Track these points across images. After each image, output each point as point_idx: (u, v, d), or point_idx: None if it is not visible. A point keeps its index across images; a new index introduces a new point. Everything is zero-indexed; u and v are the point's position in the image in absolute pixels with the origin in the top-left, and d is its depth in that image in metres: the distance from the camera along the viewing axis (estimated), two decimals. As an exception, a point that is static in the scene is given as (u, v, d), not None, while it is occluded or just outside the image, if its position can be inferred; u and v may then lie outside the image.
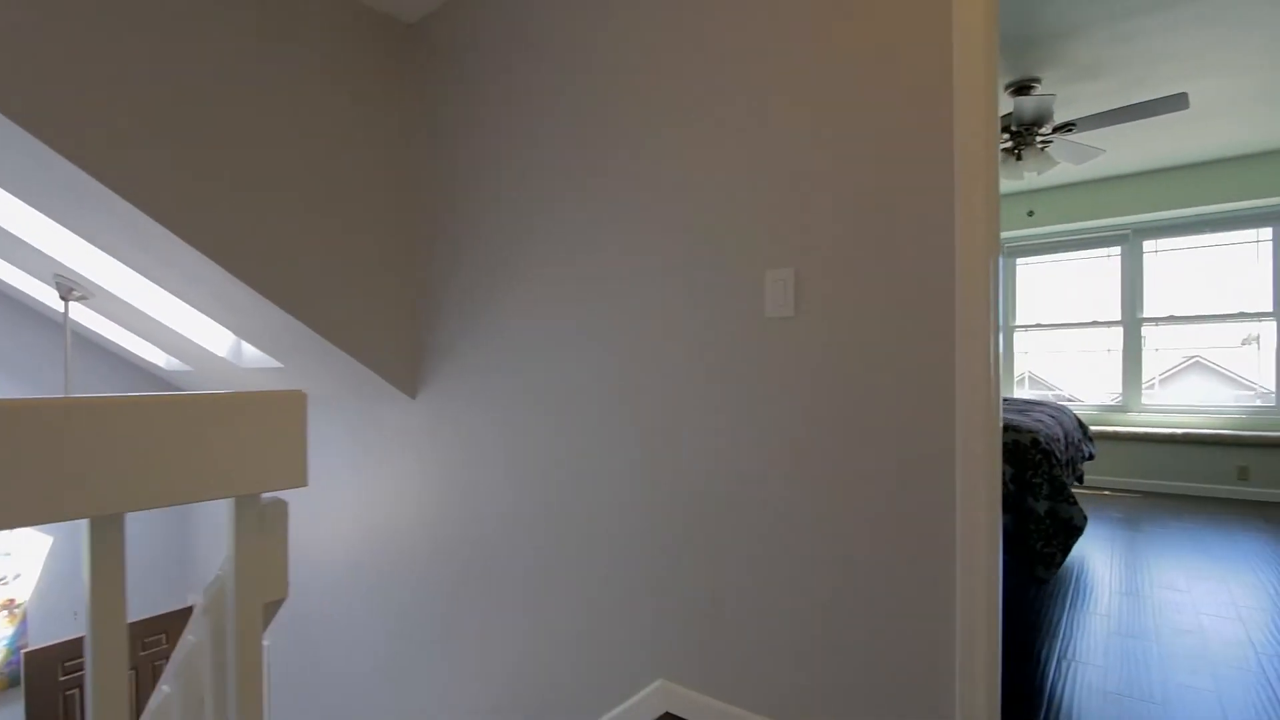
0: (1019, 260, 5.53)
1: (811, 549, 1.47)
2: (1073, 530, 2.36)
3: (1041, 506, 2.38)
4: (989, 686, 1.26)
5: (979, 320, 1.25)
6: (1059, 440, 2.77)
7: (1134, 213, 4.79)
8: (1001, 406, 1.31)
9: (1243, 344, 4.78)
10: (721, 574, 1.62)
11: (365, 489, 2.78)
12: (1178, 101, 2.82)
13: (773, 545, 1.53)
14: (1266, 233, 4.62)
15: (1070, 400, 5.34)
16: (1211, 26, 2.66)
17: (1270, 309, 4.60)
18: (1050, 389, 5.49)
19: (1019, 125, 3.12)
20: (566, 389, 1.98)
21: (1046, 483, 2.40)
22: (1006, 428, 2.54)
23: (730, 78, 1.59)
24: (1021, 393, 5.60)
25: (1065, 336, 5.40)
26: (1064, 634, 2.28)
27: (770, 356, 1.54)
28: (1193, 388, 4.95)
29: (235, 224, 2.05)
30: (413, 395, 2.60)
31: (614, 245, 1.84)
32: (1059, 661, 2.08)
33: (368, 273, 2.41)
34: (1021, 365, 5.61)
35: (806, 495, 1.48)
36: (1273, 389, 4.61)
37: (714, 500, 1.63)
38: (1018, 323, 5.56)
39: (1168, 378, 5.02)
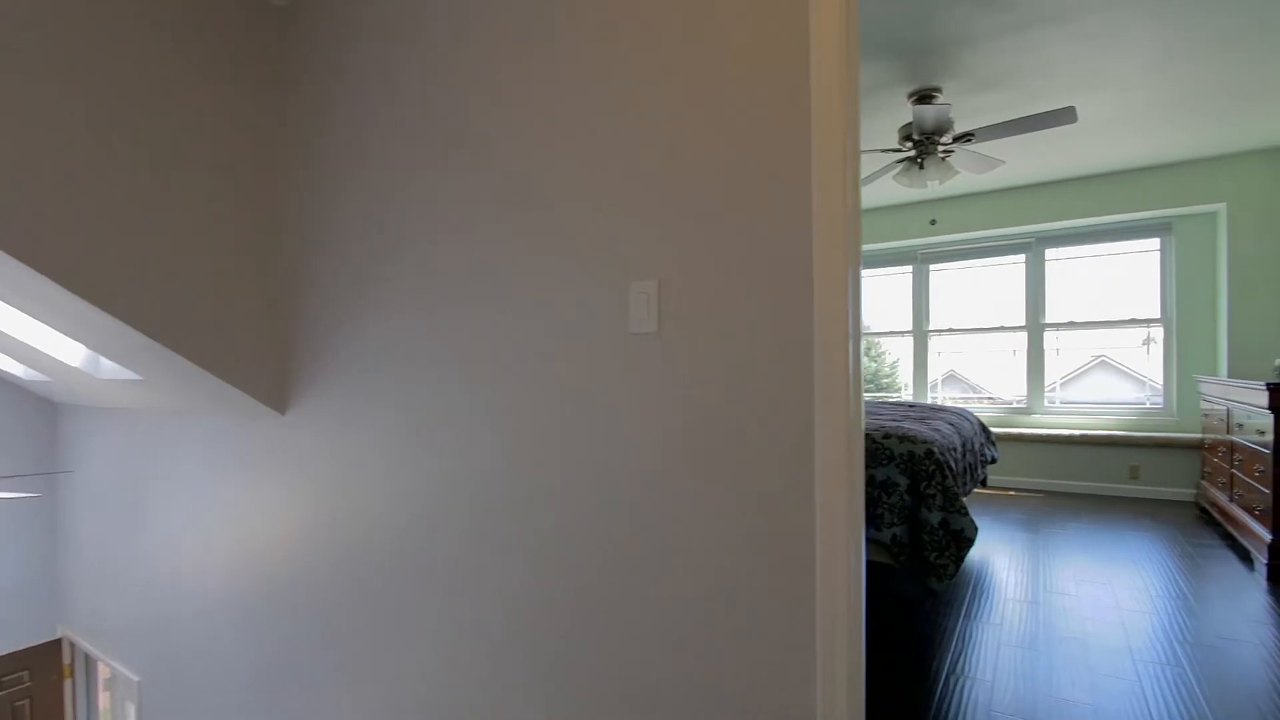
0: (931, 267, 5.66)
1: (668, 581, 1.37)
2: (964, 541, 2.36)
3: (935, 518, 2.36)
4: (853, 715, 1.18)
5: (837, 333, 1.17)
6: (955, 450, 2.78)
7: (1035, 222, 4.96)
8: (861, 420, 1.24)
9: (1143, 344, 5.01)
10: (585, 605, 1.50)
11: (235, 510, 2.53)
12: (1067, 115, 2.88)
13: (629, 578, 1.42)
14: (1155, 243, 4.86)
15: (990, 398, 5.50)
16: (1097, 44, 2.73)
17: (1159, 316, 4.85)
18: (973, 388, 5.66)
19: (920, 134, 3.14)
20: (438, 409, 1.82)
21: (940, 494, 2.38)
22: (902, 438, 2.52)
23: (593, 86, 1.47)
24: (947, 390, 5.75)
25: (979, 340, 5.57)
26: (957, 647, 2.27)
27: (633, 375, 1.42)
28: (1099, 384, 5.19)
29: (69, 232, 1.79)
30: (282, 411, 2.38)
31: (479, 256, 1.69)
32: (948, 678, 2.06)
33: (227, 283, 2.17)
34: (946, 364, 5.76)
35: (667, 521, 1.37)
36: (1160, 388, 4.85)
37: (576, 525, 1.51)
38: (931, 327, 5.69)
39: (1077, 375, 5.25)
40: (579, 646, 1.51)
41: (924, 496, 2.40)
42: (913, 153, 3.29)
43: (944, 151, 3.30)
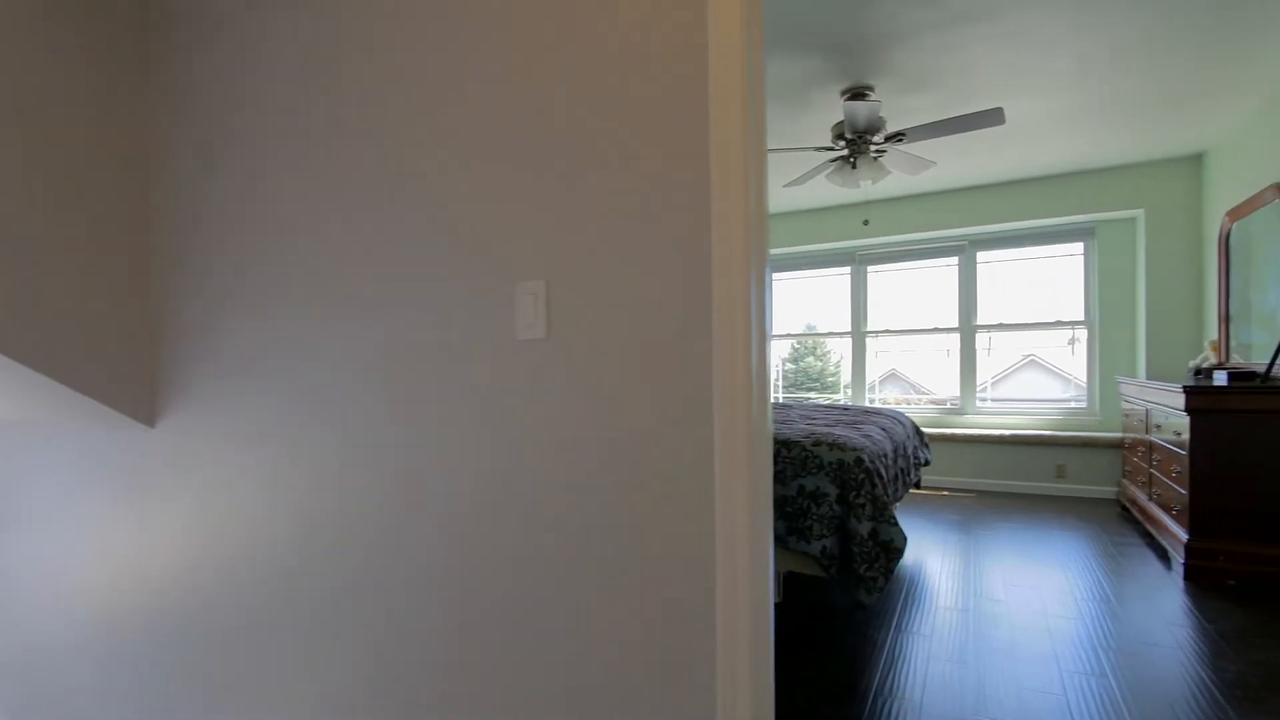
0: (869, 268, 5.68)
1: (554, 613, 1.21)
2: (893, 552, 2.28)
3: (864, 528, 2.28)
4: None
5: (738, 337, 1.04)
6: (886, 456, 2.71)
7: (967, 225, 5.02)
8: (767, 427, 1.11)
9: (1068, 344, 5.14)
10: (469, 641, 1.33)
11: (102, 534, 2.24)
12: (995, 116, 2.86)
13: (518, 612, 1.26)
14: (1079, 247, 4.98)
15: (932, 398, 5.55)
16: (1021, 44, 2.71)
17: (1083, 318, 4.98)
18: (914, 388, 5.71)
19: (853, 133, 3.08)
20: (311, 429, 1.61)
21: (870, 503, 2.30)
22: (833, 446, 2.43)
23: (480, 69, 1.30)
24: (890, 389, 5.79)
25: (918, 340, 5.62)
26: (887, 662, 2.19)
27: (521, 384, 1.26)
28: (1029, 383, 5.30)
29: None
30: (150, 423, 2.11)
31: (357, 250, 1.50)
32: (876, 699, 1.97)
33: (79, 280, 1.89)
34: (889, 364, 5.79)
35: (554, 545, 1.21)
36: (1084, 388, 4.98)
37: (462, 555, 1.33)
38: (869, 328, 5.71)
39: (1007, 375, 5.35)
40: (463, 674, 1.34)
41: (853, 506, 2.31)
42: (845, 152, 3.23)
43: (876, 151, 3.25)
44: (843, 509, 2.34)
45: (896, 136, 3.13)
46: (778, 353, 6.29)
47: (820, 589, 2.85)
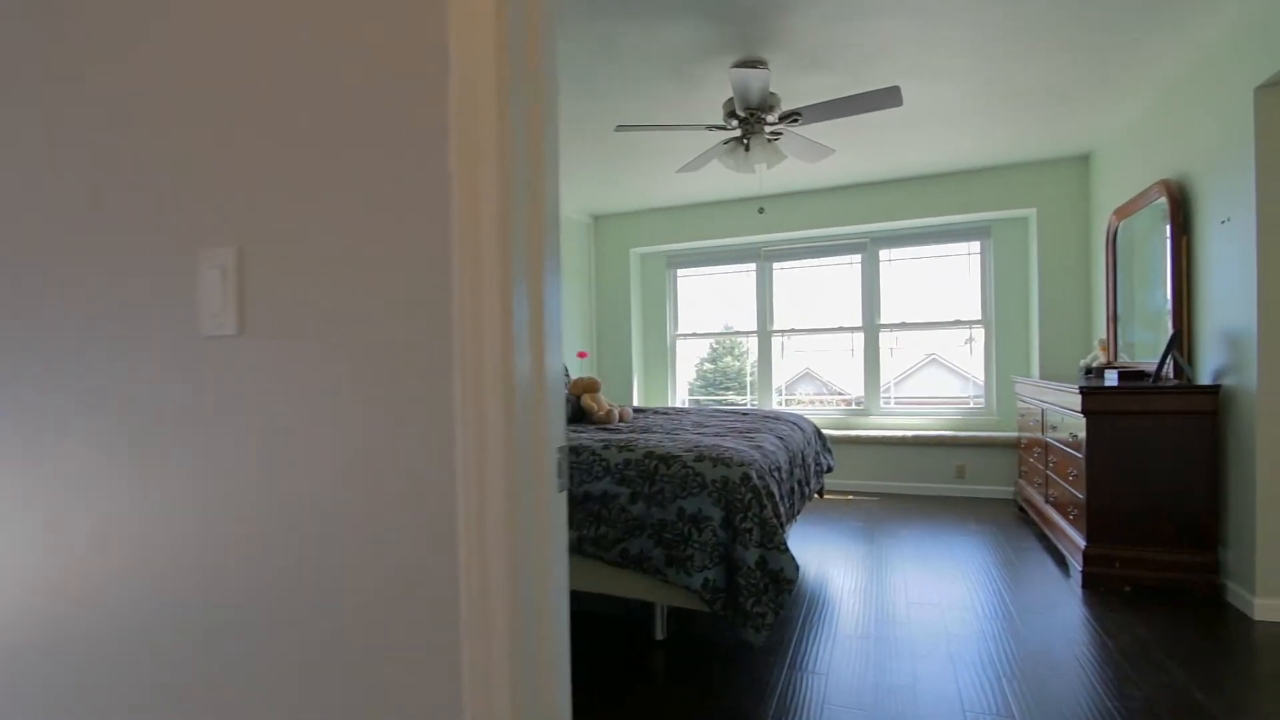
0: (775, 265, 5.50)
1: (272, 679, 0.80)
2: (784, 583, 1.99)
3: (752, 556, 1.97)
4: None
5: (489, 339, 0.67)
6: (780, 470, 2.43)
7: (868, 221, 4.91)
8: (542, 450, 0.75)
9: (965, 344, 5.13)
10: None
11: None
12: (892, 96, 2.65)
13: (218, 679, 0.83)
14: (975, 246, 4.97)
15: (845, 397, 5.40)
16: (918, 21, 2.50)
17: (979, 317, 4.96)
18: (826, 386, 5.56)
19: (745, 109, 2.79)
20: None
21: (757, 527, 2.00)
22: (717, 461, 2.12)
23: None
24: (804, 387, 5.62)
25: (826, 340, 5.48)
26: (778, 712, 1.89)
27: (207, 401, 0.83)
28: (931, 380, 5.25)
29: None
30: None
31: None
32: (759, 766, 1.65)
33: None
34: (803, 363, 5.62)
35: (263, 602, 0.80)
36: (982, 388, 4.97)
37: (140, 619, 0.90)
38: (775, 327, 5.53)
39: (910, 374, 5.28)
40: None
41: (739, 531, 2.00)
42: (738, 132, 2.95)
43: (771, 133, 2.99)
44: (728, 534, 2.03)
45: (792, 117, 2.87)
46: (696, 353, 6.02)
47: (708, 621, 2.53)
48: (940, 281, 5.10)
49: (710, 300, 5.83)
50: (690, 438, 2.56)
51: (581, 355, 5.08)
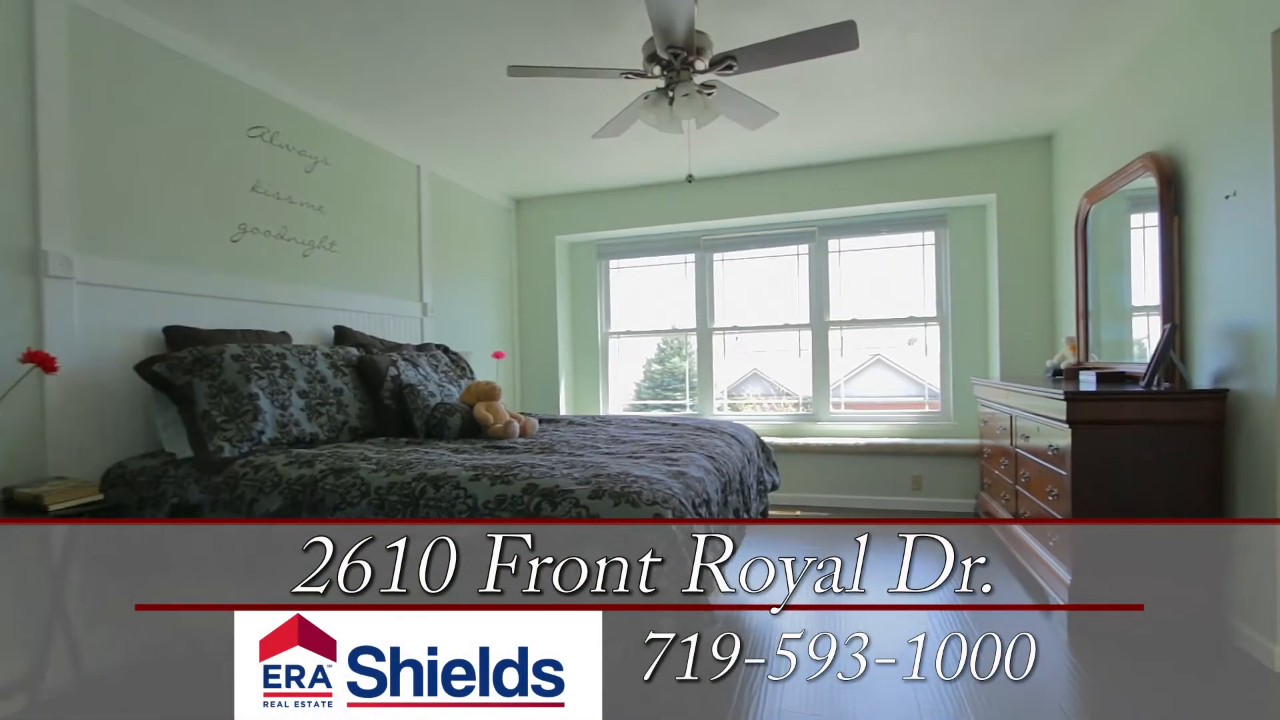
0: (715, 255, 4.99)
1: None
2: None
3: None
4: None
5: None
6: (710, 502, 1.88)
7: (816, 208, 4.45)
8: None
9: (914, 343, 4.74)
10: None
11: None
12: (846, 35, 2.14)
13: None
14: (930, 236, 4.57)
15: (795, 400, 4.92)
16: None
17: (934, 314, 4.57)
18: (775, 388, 5.08)
19: (668, 49, 2.24)
20: None
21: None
22: (619, 497, 1.55)
23: None
24: (751, 389, 5.12)
25: (772, 338, 5.00)
26: None
27: None
28: (878, 380, 4.85)
29: None
30: None
31: None
32: None
33: None
34: (750, 362, 5.14)
35: None
36: (939, 392, 4.58)
37: None
38: (716, 325, 5.02)
39: (857, 374, 4.86)
40: None
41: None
42: (661, 80, 2.39)
43: (703, 85, 2.45)
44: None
45: (725, 64, 2.34)
46: (643, 353, 5.45)
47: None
48: (893, 275, 4.69)
49: (651, 295, 5.27)
50: (597, 460, 1.99)
51: (498, 355, 4.45)
